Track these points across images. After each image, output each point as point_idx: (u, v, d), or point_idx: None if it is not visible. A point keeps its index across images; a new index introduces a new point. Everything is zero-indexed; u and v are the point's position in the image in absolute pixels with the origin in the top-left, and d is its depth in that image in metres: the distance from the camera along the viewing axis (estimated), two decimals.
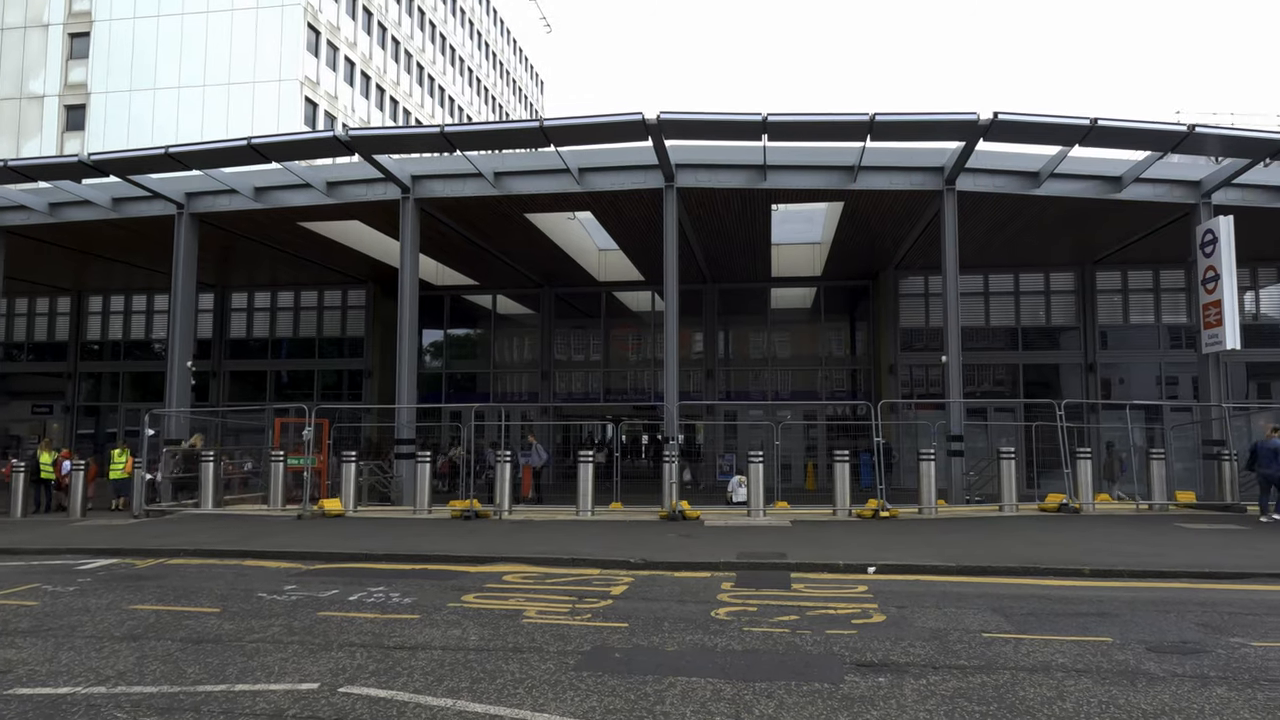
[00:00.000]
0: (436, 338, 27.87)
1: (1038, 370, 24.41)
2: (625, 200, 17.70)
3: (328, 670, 5.87)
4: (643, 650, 6.32)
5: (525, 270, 24.29)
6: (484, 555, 10.73)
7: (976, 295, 24.27)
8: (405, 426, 17.41)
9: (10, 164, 17.13)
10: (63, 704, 5.25)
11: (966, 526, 13.25)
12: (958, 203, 16.86)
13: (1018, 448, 16.20)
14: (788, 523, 13.86)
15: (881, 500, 14.53)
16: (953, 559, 9.98)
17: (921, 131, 15.18)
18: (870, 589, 8.67)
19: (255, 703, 5.21)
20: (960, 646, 6.34)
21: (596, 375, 27.15)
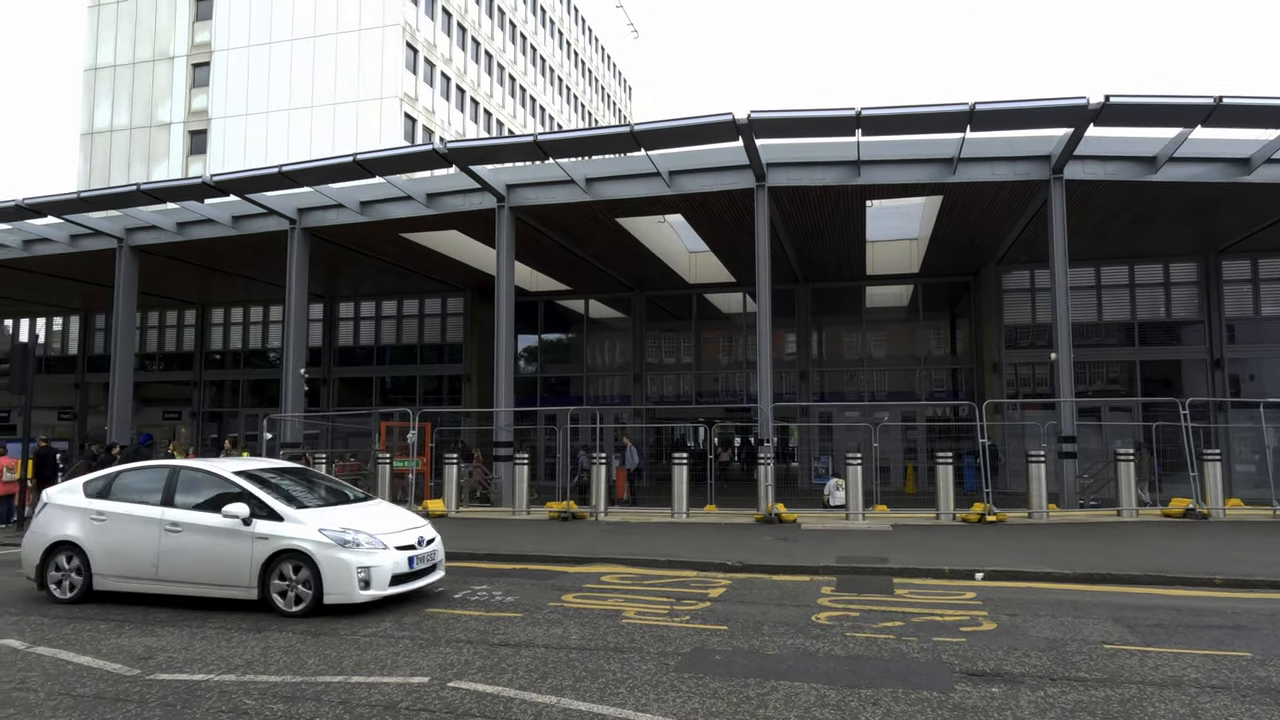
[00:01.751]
0: (530, 342, 28.44)
1: (1156, 367, 22.97)
2: (715, 201, 17.64)
3: (437, 665, 6.07)
4: (743, 653, 6.28)
5: (616, 274, 24.51)
6: (582, 556, 10.88)
7: (1087, 289, 23.05)
8: (504, 430, 17.83)
9: (143, 188, 18.48)
10: (199, 689, 5.62)
11: (1081, 532, 12.59)
12: (1066, 192, 16.05)
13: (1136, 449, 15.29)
14: (888, 526, 13.50)
15: (988, 504, 13.98)
16: (1067, 566, 9.51)
17: (1025, 119, 14.53)
18: (978, 596, 8.35)
19: (370, 694, 5.44)
20: (1080, 658, 6.03)
21: (688, 378, 27.14)
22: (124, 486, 8.86)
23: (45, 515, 8.94)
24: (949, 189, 16.80)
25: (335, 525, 8.00)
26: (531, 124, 53.03)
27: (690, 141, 15.47)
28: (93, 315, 32.59)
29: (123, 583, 8.46)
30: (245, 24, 40.55)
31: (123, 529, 8.48)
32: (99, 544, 8.53)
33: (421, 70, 40.48)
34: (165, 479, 8.70)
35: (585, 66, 64.76)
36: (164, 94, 41.98)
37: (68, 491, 9.02)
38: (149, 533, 8.34)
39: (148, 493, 8.67)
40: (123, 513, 8.54)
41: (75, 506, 8.78)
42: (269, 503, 8.16)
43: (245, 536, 7.97)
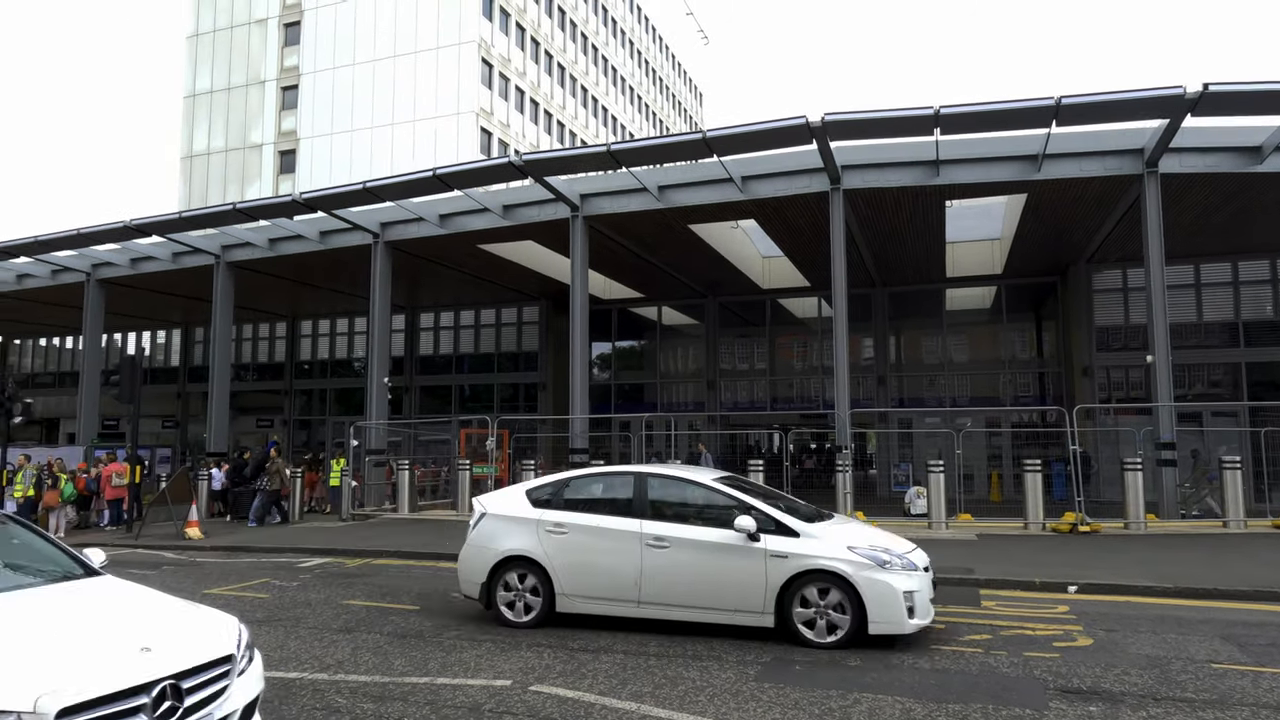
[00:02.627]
0: (604, 350, 28.67)
1: (1264, 369, 21.62)
2: (789, 206, 17.48)
3: (518, 669, 6.17)
4: (824, 664, 6.18)
5: (689, 281, 24.52)
6: None
7: (1185, 288, 21.88)
8: (579, 436, 18.03)
9: (238, 206, 19.45)
10: (293, 687, 5.85)
11: (1184, 543, 11.95)
12: (1161, 187, 15.31)
13: (1244, 456, 14.41)
14: (973, 536, 13.09)
15: (1080, 513, 13.40)
16: (1169, 579, 9.03)
17: (1116, 112, 13.92)
18: (1072, 609, 8.01)
19: (455, 696, 5.57)
20: (1185, 677, 5.72)
21: (762, 384, 26.91)
22: (581, 495, 7.87)
23: (486, 527, 7.87)
24: (1033, 187, 16.23)
25: (863, 542, 6.86)
26: (603, 133, 53.58)
27: (763, 146, 15.39)
28: (193, 328, 34.39)
29: (593, 604, 7.36)
30: (330, 47, 42.25)
31: (591, 544, 7.38)
32: (562, 560, 7.42)
33: (496, 85, 41.39)
34: (632, 486, 7.59)
35: (655, 74, 65.09)
36: (256, 117, 44.08)
37: (509, 500, 8.00)
38: (627, 548, 7.21)
39: (613, 502, 7.66)
40: (590, 525, 7.44)
41: (523, 517, 7.70)
42: (775, 515, 7.01)
43: (756, 554, 6.83)
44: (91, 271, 24.53)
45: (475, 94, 39.52)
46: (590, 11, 52.48)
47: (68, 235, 21.73)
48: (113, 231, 21.16)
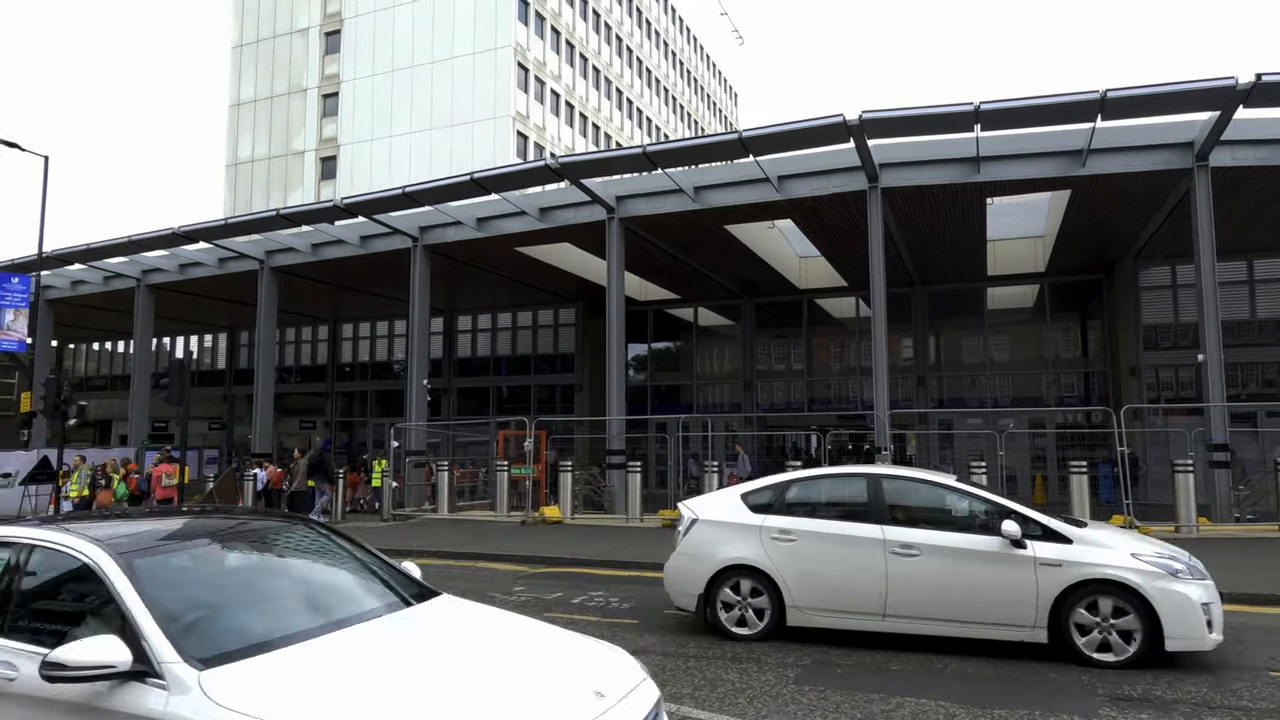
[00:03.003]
0: (640, 351, 28.69)
1: None
2: (826, 205, 17.34)
3: None
4: (865, 667, 6.12)
5: (725, 281, 24.45)
6: None
7: (1238, 284, 21.25)
8: (616, 438, 18.08)
9: (281, 212, 19.86)
10: None
11: (1236, 548, 11.60)
12: (1212, 181, 14.90)
13: None
14: None
15: (1128, 516, 13.09)
16: (1223, 584, 8.76)
17: (1164, 105, 13.58)
18: None
19: None
20: (1241, 685, 5.57)
21: (800, 384, 26.71)
22: (806, 499, 7.28)
23: (700, 535, 7.31)
24: (1078, 182, 15.90)
25: (1148, 549, 6.28)
26: (638, 135, 53.68)
27: (800, 145, 15.30)
28: (238, 332, 35.18)
29: (831, 618, 6.76)
30: (370, 55, 42.93)
31: (826, 552, 6.80)
32: (792, 570, 6.84)
33: (532, 88, 41.70)
34: (866, 489, 7.01)
35: (690, 75, 65.03)
36: (298, 124, 44.96)
37: (723, 506, 7.44)
38: (868, 557, 6.62)
39: (845, 506, 7.10)
40: (823, 531, 6.88)
41: (743, 524, 7.14)
42: (1042, 520, 6.47)
43: (1024, 563, 6.24)
44: (142, 277, 25.23)
45: (511, 98, 39.85)
46: (624, 14, 52.61)
47: (119, 242, 22.39)
48: (162, 238, 21.76)
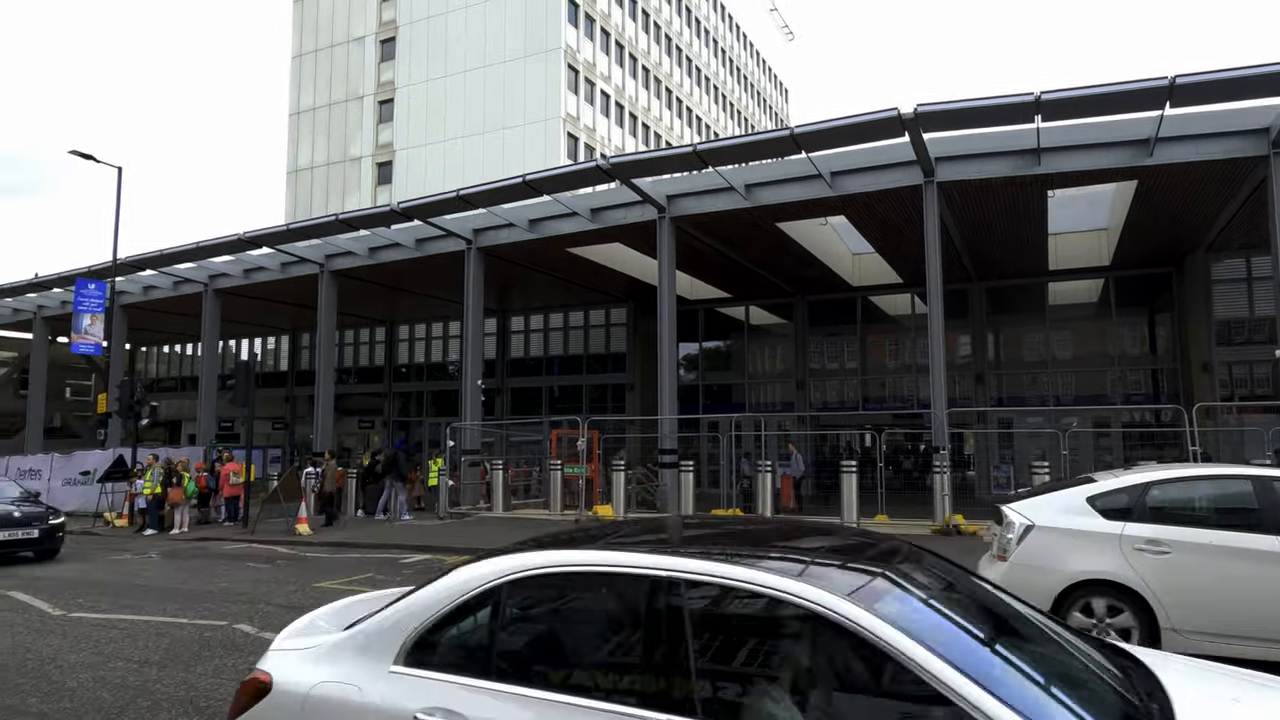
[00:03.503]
0: (691, 350, 28.63)
1: None
2: (880, 201, 17.07)
3: None
4: None
5: (777, 280, 24.25)
6: None
7: None
8: (668, 437, 18.08)
9: (340, 217, 20.35)
10: None
11: None
12: None
13: None
14: None
15: None
16: None
17: (1236, 90, 13.02)
18: None
19: None
20: None
21: (853, 383, 26.35)
22: (1175, 503, 6.23)
23: (1039, 543, 6.30)
24: (1144, 173, 15.36)
25: None
26: (688, 134, 53.59)
27: (853, 140, 15.09)
28: (299, 334, 36.16)
29: (1223, 644, 5.69)
30: (424, 61, 43.71)
31: (1212, 566, 5.80)
32: (1167, 587, 5.85)
33: (582, 90, 41.96)
34: (1254, 493, 6.00)
35: (740, 72, 64.67)
36: (355, 131, 46.02)
37: (1065, 510, 6.40)
38: (1267, 573, 5.66)
39: (1226, 513, 6.08)
40: (1206, 543, 5.85)
41: (1096, 531, 6.14)
42: None
43: None
44: (209, 282, 26.11)
45: (561, 100, 40.16)
46: (674, 13, 52.57)
47: (188, 249, 23.23)
48: (227, 244, 22.49)
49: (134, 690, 5.88)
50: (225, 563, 12.68)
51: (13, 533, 13.26)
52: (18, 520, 13.52)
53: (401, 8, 44.91)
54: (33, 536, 13.43)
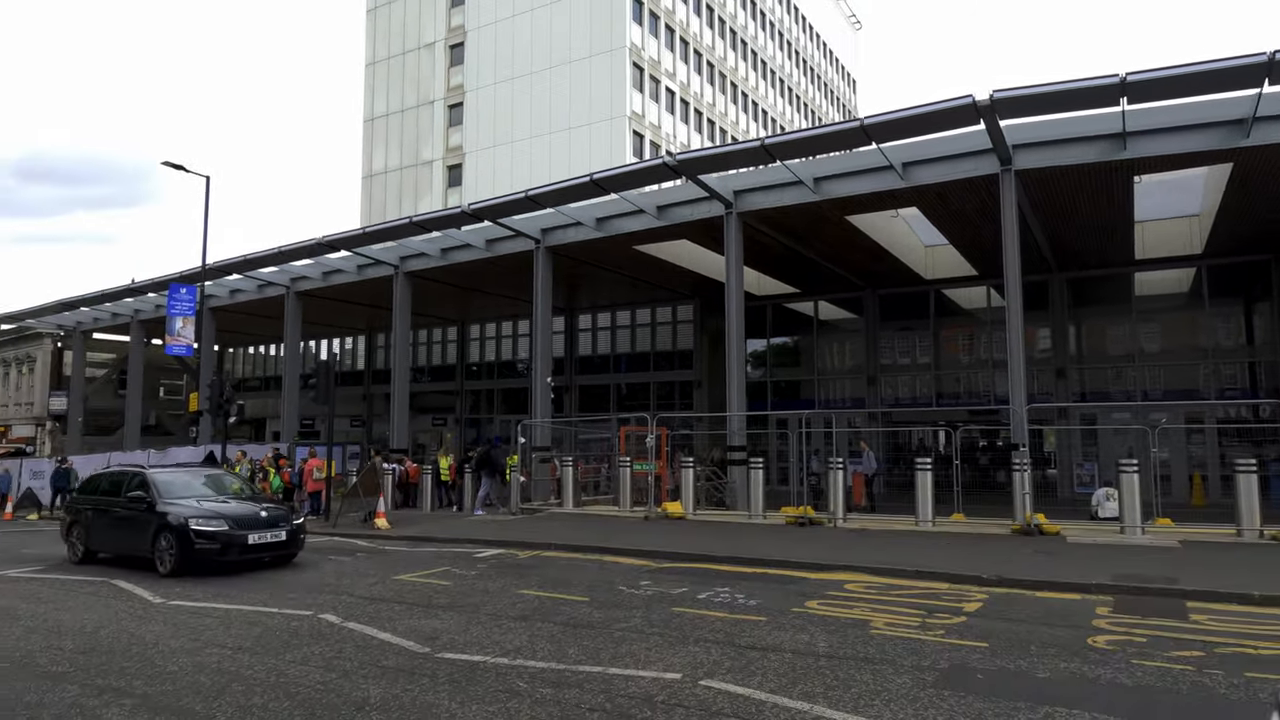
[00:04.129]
0: (758, 347, 28.40)
1: None
2: (954, 191, 16.61)
3: (687, 663, 6.25)
4: (1009, 674, 5.84)
5: (846, 274, 23.84)
6: (822, 562, 10.68)
7: None
8: (736, 434, 17.99)
9: (413, 219, 20.88)
10: (478, 670, 6.21)
11: None
12: None
13: None
14: (1174, 543, 11.92)
15: None
16: None
17: None
18: None
19: (627, 686, 5.72)
20: None
21: (926, 379, 25.73)
22: None
23: None
24: (1240, 155, 14.55)
25: None
26: (753, 128, 53.12)
27: (926, 130, 14.72)
28: (375, 334, 37.24)
29: None
30: (492, 64, 44.44)
31: None
32: None
33: (647, 87, 42.03)
34: None
35: (806, 64, 63.77)
36: (426, 135, 47.09)
37: None
38: None
39: None
40: None
41: None
42: None
43: None
44: (290, 285, 27.12)
45: (627, 99, 40.31)
46: (738, 7, 52.15)
47: (270, 253, 24.19)
48: (307, 248, 23.32)
49: (229, 675, 6.17)
50: (308, 555, 13.15)
51: (261, 535, 11.34)
52: (264, 521, 11.58)
53: (470, 13, 45.73)
54: (280, 539, 11.53)
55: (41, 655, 6.92)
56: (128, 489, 12.21)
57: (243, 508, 11.85)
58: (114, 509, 12.31)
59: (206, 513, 11.33)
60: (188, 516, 11.12)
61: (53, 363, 43.06)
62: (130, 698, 5.69)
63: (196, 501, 11.77)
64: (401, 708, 5.33)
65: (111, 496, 12.55)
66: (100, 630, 7.83)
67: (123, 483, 12.53)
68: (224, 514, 11.41)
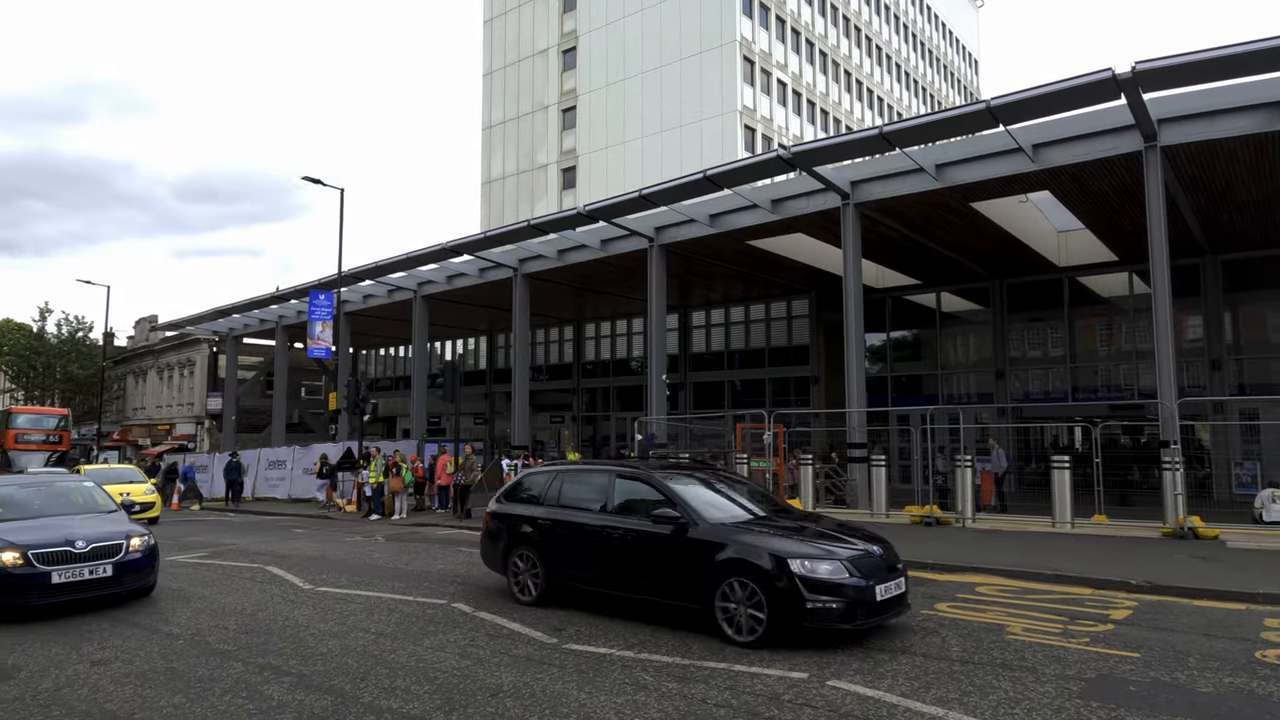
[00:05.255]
0: (877, 341, 27.57)
1: None
2: (1090, 172, 15.59)
3: (814, 662, 6.16)
4: (1165, 686, 5.46)
5: (971, 263, 22.81)
6: (951, 563, 10.29)
7: None
8: (856, 430, 17.56)
9: (532, 222, 21.46)
10: (604, 662, 6.34)
11: None
12: None
13: None
14: None
15: None
16: None
17: None
18: None
19: (753, 684, 5.70)
20: None
21: (1059, 372, 24.26)
22: None
23: None
24: None
25: None
26: (868, 117, 51.61)
27: (1058, 109, 13.90)
28: (495, 335, 38.52)
29: None
30: (603, 67, 45.07)
31: None
32: None
33: (758, 81, 41.57)
34: None
35: (924, 47, 61.37)
36: (541, 140, 48.29)
37: None
38: None
39: None
40: None
41: None
42: None
43: None
44: (418, 289, 28.42)
45: (738, 93, 40.00)
46: None
47: (399, 259, 25.42)
48: (432, 254, 24.38)
49: (373, 658, 6.55)
50: (440, 547, 13.77)
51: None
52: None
53: (581, 17, 46.53)
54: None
55: (210, 634, 7.56)
56: None
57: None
58: None
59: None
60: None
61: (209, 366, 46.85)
62: (288, 676, 6.14)
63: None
64: (533, 695, 5.52)
65: None
66: (258, 613, 8.48)
67: None
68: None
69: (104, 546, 8.87)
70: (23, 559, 8.37)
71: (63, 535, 8.81)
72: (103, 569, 8.72)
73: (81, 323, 57.71)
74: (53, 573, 8.42)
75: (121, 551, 8.95)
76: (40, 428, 39.64)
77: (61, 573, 8.46)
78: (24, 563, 8.36)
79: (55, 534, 8.84)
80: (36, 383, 57.79)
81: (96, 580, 8.67)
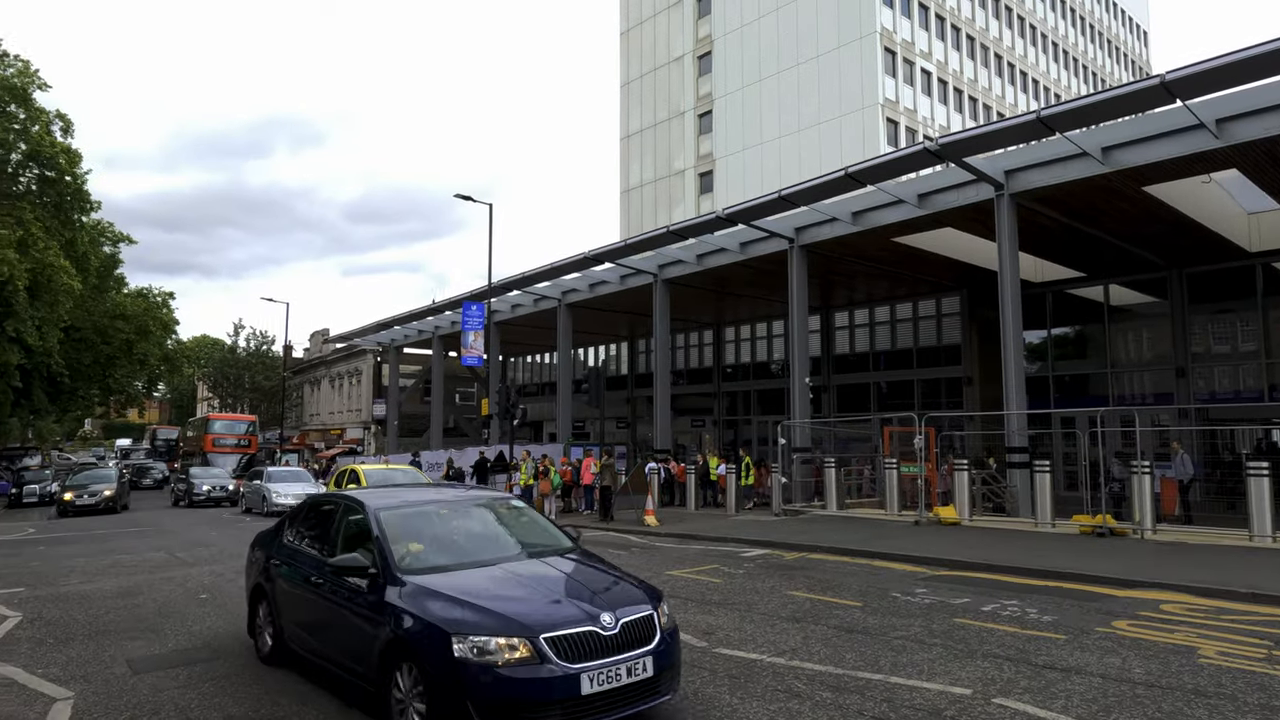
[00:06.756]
0: (1035, 339, 25.87)
1: None
2: None
3: (976, 678, 5.89)
4: None
5: (1144, 252, 20.99)
6: (1129, 578, 9.52)
7: None
8: (1016, 434, 16.58)
9: (671, 228, 21.69)
10: (754, 668, 6.32)
11: None
12: None
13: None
14: None
15: None
16: None
17: None
18: None
19: (912, 697, 5.51)
20: None
21: (1252, 369, 21.84)
22: None
23: None
24: None
25: None
26: (1022, 101, 48.61)
27: (1248, 78, 12.62)
28: (636, 340, 39.14)
29: None
30: (739, 69, 44.89)
31: None
32: None
33: (900, 72, 40.11)
34: None
35: (1084, 22, 57.16)
36: (678, 145, 48.68)
37: None
38: None
39: None
40: None
41: None
42: None
43: None
44: (561, 297, 29.35)
45: (879, 86, 38.75)
46: None
47: (544, 269, 26.37)
48: (575, 263, 25.12)
49: None
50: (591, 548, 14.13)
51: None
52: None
53: (716, 21, 46.55)
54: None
55: None
56: None
57: None
58: None
59: None
60: None
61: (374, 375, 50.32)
62: None
63: None
64: (684, 699, 5.57)
65: None
66: None
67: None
68: None
69: (635, 622, 4.97)
70: (530, 649, 4.59)
71: (580, 606, 4.96)
72: (641, 666, 4.83)
73: (265, 337, 63.63)
74: (582, 675, 4.59)
75: (655, 632, 5.04)
76: (233, 432, 43.98)
77: (594, 676, 4.63)
78: (532, 655, 4.57)
79: (556, 599, 5.09)
80: (229, 392, 64.16)
81: (637, 685, 4.80)
